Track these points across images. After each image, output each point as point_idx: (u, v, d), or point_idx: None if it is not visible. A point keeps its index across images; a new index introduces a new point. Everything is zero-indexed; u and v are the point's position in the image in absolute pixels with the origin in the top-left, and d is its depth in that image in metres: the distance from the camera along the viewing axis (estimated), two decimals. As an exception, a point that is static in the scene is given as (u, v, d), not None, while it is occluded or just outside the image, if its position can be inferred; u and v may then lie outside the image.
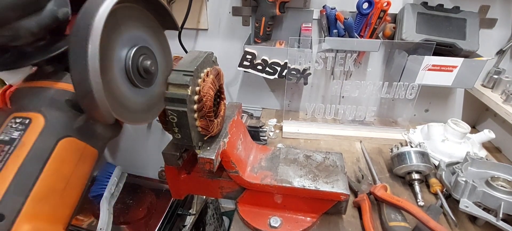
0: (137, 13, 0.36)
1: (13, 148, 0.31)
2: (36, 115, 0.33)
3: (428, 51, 0.76)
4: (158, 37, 0.40)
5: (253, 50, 0.83)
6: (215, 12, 0.94)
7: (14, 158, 0.31)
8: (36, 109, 0.33)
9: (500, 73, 0.86)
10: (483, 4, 0.80)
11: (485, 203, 0.57)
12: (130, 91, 0.35)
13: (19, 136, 0.32)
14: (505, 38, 0.85)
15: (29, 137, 0.32)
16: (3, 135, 0.32)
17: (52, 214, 0.33)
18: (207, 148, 0.48)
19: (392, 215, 0.59)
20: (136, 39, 0.36)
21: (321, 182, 0.57)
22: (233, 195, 0.62)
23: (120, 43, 0.33)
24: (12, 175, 0.30)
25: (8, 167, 0.30)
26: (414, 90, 0.82)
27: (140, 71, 0.36)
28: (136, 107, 0.37)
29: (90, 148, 0.37)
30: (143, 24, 0.37)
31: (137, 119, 0.37)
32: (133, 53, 0.34)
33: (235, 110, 0.60)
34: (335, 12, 0.78)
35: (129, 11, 0.34)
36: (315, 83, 0.96)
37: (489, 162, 0.66)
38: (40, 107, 0.34)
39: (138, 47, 0.35)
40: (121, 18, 0.33)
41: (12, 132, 0.32)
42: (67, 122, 0.35)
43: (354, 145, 0.88)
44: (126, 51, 0.34)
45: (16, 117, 0.33)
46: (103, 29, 0.28)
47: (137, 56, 0.35)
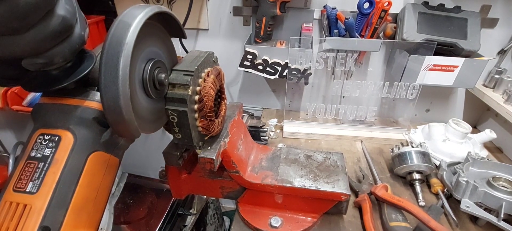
0: (153, 29, 0.38)
1: (48, 164, 0.33)
2: (65, 133, 0.35)
3: (429, 51, 0.76)
4: (167, 46, 0.42)
5: (254, 50, 0.83)
6: (216, 12, 0.94)
7: (51, 175, 0.33)
8: (64, 127, 0.35)
9: (502, 73, 0.86)
10: (484, 4, 0.80)
11: (486, 203, 0.57)
12: (145, 103, 0.37)
13: (52, 153, 0.34)
14: (506, 38, 0.84)
15: (61, 154, 0.34)
16: (34, 152, 0.34)
17: (88, 221, 0.37)
18: (207, 147, 0.48)
19: (393, 215, 0.59)
20: (152, 53, 0.38)
21: (321, 182, 0.57)
22: (233, 195, 0.62)
23: (140, 59, 0.35)
24: (52, 191, 0.33)
25: (47, 183, 0.33)
26: (415, 90, 0.81)
27: (155, 83, 0.38)
28: (150, 118, 0.39)
29: (114, 158, 0.40)
30: (157, 37, 0.39)
31: (151, 128, 0.39)
32: (150, 67, 0.36)
33: (235, 110, 0.60)
34: (336, 12, 0.78)
35: (148, 28, 0.36)
36: (316, 83, 0.96)
37: (490, 162, 0.66)
38: (68, 125, 0.36)
39: (154, 61, 0.37)
40: (142, 37, 0.34)
41: (43, 149, 0.34)
42: (95, 138, 0.37)
43: (355, 145, 0.88)
44: (144, 65, 0.36)
45: (44, 133, 0.35)
46: (132, 53, 0.30)
47: (153, 69, 0.37)
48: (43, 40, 0.31)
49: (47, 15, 0.30)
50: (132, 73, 0.32)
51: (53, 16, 0.31)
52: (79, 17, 0.36)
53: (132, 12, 0.32)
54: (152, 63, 0.37)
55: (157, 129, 0.41)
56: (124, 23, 0.31)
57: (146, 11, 0.33)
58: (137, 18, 0.31)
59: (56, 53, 0.33)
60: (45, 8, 0.29)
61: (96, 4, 0.97)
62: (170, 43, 0.42)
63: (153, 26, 0.38)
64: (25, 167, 0.33)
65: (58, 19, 0.31)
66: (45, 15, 0.30)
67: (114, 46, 0.30)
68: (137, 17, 0.32)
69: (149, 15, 0.33)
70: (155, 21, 0.38)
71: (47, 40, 0.31)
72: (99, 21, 0.95)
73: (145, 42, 0.36)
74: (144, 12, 0.33)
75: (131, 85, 0.32)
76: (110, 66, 0.30)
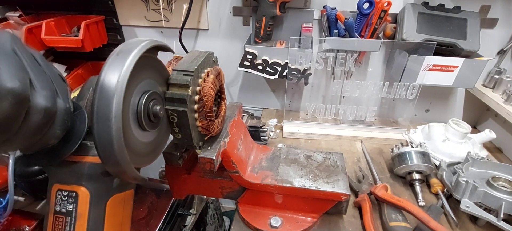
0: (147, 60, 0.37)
1: (74, 219, 0.38)
2: (80, 188, 0.39)
3: (428, 51, 0.76)
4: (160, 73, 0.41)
5: (254, 50, 0.83)
6: (216, 12, 0.94)
7: (80, 228, 0.38)
8: (77, 183, 0.39)
9: (501, 73, 0.86)
10: (484, 4, 0.80)
11: (486, 203, 0.57)
12: (140, 137, 0.37)
13: (74, 208, 0.39)
14: (506, 38, 0.84)
15: (83, 208, 0.39)
16: (58, 207, 0.39)
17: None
18: (207, 148, 0.48)
19: (393, 215, 0.59)
20: (146, 85, 0.37)
21: (321, 182, 0.57)
22: (233, 195, 0.62)
23: (134, 95, 0.35)
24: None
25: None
26: (414, 90, 0.81)
27: (150, 116, 0.37)
28: (145, 151, 0.39)
29: (129, 192, 0.44)
30: (151, 67, 0.38)
31: (148, 161, 0.40)
32: (144, 100, 0.36)
33: (235, 111, 0.60)
34: (336, 12, 0.78)
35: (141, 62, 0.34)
36: (316, 83, 0.96)
37: (490, 162, 0.66)
38: (80, 182, 0.39)
39: (149, 93, 0.37)
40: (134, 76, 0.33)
41: (65, 204, 0.39)
42: (107, 188, 0.41)
43: (355, 145, 0.88)
44: (138, 99, 0.36)
45: (61, 189, 0.39)
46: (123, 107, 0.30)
47: (148, 102, 0.37)
48: (31, 136, 0.31)
49: (27, 114, 0.29)
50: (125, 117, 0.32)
51: (34, 111, 0.30)
52: (58, 88, 0.34)
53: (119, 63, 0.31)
54: (146, 97, 0.36)
55: (154, 160, 0.42)
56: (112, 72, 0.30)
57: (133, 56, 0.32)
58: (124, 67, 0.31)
59: (49, 138, 0.34)
60: (22, 113, 0.28)
61: (95, 4, 0.97)
62: (161, 67, 0.41)
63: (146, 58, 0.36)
64: (55, 221, 0.39)
65: (40, 113, 0.30)
66: (25, 115, 0.29)
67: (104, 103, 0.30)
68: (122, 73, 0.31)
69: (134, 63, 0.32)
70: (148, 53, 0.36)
71: (35, 134, 0.31)
72: (98, 21, 0.95)
73: (139, 76, 0.35)
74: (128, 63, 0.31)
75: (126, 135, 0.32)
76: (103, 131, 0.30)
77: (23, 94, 0.27)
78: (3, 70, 0.26)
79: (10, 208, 0.65)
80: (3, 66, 0.26)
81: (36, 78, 0.30)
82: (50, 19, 0.88)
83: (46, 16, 0.92)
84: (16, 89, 0.26)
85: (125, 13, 0.98)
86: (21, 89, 0.27)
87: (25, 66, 0.29)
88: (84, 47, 0.88)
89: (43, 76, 0.32)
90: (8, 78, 0.26)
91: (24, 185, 0.72)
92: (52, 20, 0.88)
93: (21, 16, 0.90)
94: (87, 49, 0.89)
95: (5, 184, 0.77)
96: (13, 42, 0.29)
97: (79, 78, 1.01)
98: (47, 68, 0.34)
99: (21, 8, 0.91)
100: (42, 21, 0.85)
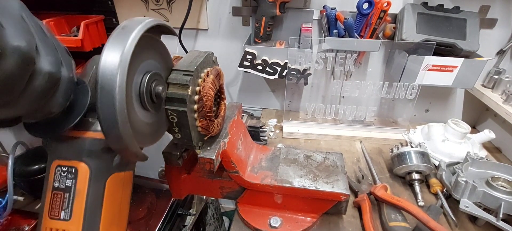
0: (150, 40, 0.37)
1: (73, 195, 0.38)
2: (80, 164, 0.38)
3: (428, 51, 0.76)
4: (163, 56, 0.41)
5: (253, 50, 0.83)
6: (215, 12, 0.94)
7: (78, 204, 0.38)
8: (78, 158, 0.38)
9: (500, 73, 0.86)
10: (483, 4, 0.80)
11: (485, 203, 0.57)
12: (143, 117, 0.37)
13: (73, 184, 0.38)
14: (505, 38, 0.85)
15: (82, 185, 0.38)
16: (57, 183, 0.38)
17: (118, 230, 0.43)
18: (207, 148, 0.48)
19: (392, 215, 0.59)
20: (148, 66, 0.37)
21: (321, 182, 0.57)
22: (233, 195, 0.62)
23: (137, 72, 0.35)
24: (82, 219, 0.38)
25: (76, 211, 0.38)
26: (414, 90, 0.82)
27: (152, 96, 0.37)
28: (148, 131, 0.39)
29: (128, 173, 0.44)
30: (153, 49, 0.38)
31: (150, 141, 0.40)
32: (147, 80, 0.36)
33: (235, 111, 0.60)
34: (335, 12, 0.78)
35: (144, 42, 0.34)
36: (315, 83, 0.96)
37: (489, 162, 0.66)
38: (81, 157, 0.38)
39: (151, 74, 0.36)
40: (139, 51, 0.33)
41: (64, 180, 0.38)
42: (107, 165, 0.40)
43: (354, 145, 0.88)
44: (140, 79, 0.36)
45: (61, 165, 0.39)
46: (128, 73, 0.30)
47: (150, 82, 0.37)
48: (35, 100, 0.31)
49: (31, 77, 0.29)
50: (128, 93, 0.32)
51: (39, 75, 0.30)
52: (63, 59, 0.35)
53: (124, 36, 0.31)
54: (148, 76, 0.36)
55: (157, 140, 0.41)
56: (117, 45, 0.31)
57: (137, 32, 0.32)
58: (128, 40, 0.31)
59: (52, 106, 0.34)
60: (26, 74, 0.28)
61: (95, 4, 0.97)
62: (165, 51, 0.41)
63: (149, 38, 0.37)
64: (53, 197, 0.38)
65: (44, 77, 0.31)
66: (29, 78, 0.29)
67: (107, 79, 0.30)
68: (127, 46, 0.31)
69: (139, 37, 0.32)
70: (151, 33, 0.37)
71: (39, 99, 0.31)
72: (98, 21, 0.95)
73: (142, 55, 0.35)
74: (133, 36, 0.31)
75: (129, 111, 0.32)
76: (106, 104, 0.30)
77: (28, 54, 0.27)
78: (11, 29, 0.26)
79: (10, 207, 0.65)
80: (11, 26, 0.26)
81: (42, 44, 0.31)
82: (50, 18, 0.88)
83: (46, 15, 0.92)
84: (22, 48, 0.26)
85: (124, 13, 0.98)
86: (27, 49, 0.27)
87: (32, 31, 0.30)
88: (84, 47, 0.88)
89: (48, 44, 0.32)
90: (14, 37, 0.26)
91: (23, 184, 0.72)
92: (51, 19, 0.88)
93: (21, 16, 0.90)
94: (87, 49, 0.89)
95: (4, 183, 0.77)
96: (22, 9, 0.30)
97: (78, 78, 1.01)
98: (53, 40, 0.34)
99: (21, 8, 0.91)
100: (42, 21, 0.85)
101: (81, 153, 0.38)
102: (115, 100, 0.29)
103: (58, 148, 0.39)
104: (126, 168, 0.43)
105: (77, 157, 0.38)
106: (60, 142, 0.39)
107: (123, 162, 0.42)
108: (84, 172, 0.38)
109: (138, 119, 0.36)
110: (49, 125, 0.37)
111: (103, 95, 0.30)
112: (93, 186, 0.38)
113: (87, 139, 0.39)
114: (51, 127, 0.37)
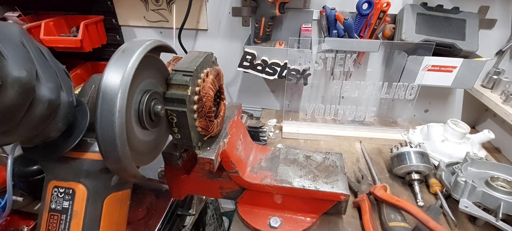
0: (148, 60, 0.36)
1: (69, 216, 0.37)
2: (77, 185, 0.38)
3: (427, 51, 0.76)
4: (161, 73, 0.41)
5: (253, 50, 0.83)
6: (215, 12, 0.94)
7: (75, 226, 0.37)
8: (75, 180, 0.38)
9: (500, 73, 0.86)
10: (482, 5, 0.80)
11: (484, 203, 0.57)
12: (141, 136, 0.37)
13: (70, 206, 0.37)
14: (504, 38, 0.85)
15: (79, 206, 0.38)
16: (54, 204, 0.38)
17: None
18: (207, 148, 0.48)
19: (392, 215, 0.59)
20: (148, 85, 0.37)
21: (321, 182, 0.57)
22: (233, 195, 0.62)
23: (136, 94, 0.35)
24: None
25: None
26: (413, 90, 0.82)
27: (151, 115, 0.37)
28: (146, 150, 0.39)
29: (126, 191, 0.44)
30: (152, 67, 0.38)
31: (148, 160, 0.40)
32: (146, 99, 0.36)
33: (235, 111, 0.60)
34: (335, 13, 0.78)
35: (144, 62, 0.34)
36: (315, 83, 0.96)
37: (488, 162, 0.66)
38: (79, 179, 0.38)
39: (151, 93, 0.37)
40: (139, 72, 0.33)
41: (61, 201, 0.38)
42: (105, 186, 0.40)
43: (354, 145, 0.88)
44: (140, 98, 0.36)
45: (58, 186, 0.38)
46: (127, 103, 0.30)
47: (150, 101, 0.37)
48: (34, 128, 0.31)
49: (31, 105, 0.29)
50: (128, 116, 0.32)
51: (38, 103, 0.30)
52: (63, 82, 0.34)
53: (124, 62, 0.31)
54: (148, 96, 0.36)
55: (153, 159, 0.41)
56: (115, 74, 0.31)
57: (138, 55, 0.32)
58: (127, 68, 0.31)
59: (51, 130, 0.34)
60: (26, 103, 0.28)
61: (94, 4, 0.97)
62: (162, 66, 0.41)
63: (149, 58, 0.36)
64: (49, 219, 0.38)
65: (44, 105, 0.30)
66: (29, 106, 0.29)
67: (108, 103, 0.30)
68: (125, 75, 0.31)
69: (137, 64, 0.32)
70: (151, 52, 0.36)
71: (38, 126, 0.31)
72: (98, 21, 0.95)
73: (141, 76, 0.35)
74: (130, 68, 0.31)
75: (128, 133, 0.32)
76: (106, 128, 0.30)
77: (29, 84, 0.27)
78: (11, 59, 0.26)
79: (9, 208, 0.65)
80: (11, 56, 0.26)
81: (42, 70, 0.31)
82: (49, 19, 0.88)
83: (45, 16, 0.92)
84: (22, 79, 0.26)
85: (124, 14, 0.98)
86: (28, 79, 0.27)
87: (32, 58, 0.30)
88: (83, 47, 0.88)
89: (48, 69, 0.32)
90: (15, 68, 0.26)
91: (22, 185, 0.72)
92: (51, 20, 0.88)
93: (20, 16, 0.90)
94: (86, 49, 0.89)
95: (3, 184, 0.76)
96: (22, 35, 0.30)
97: (78, 78, 1.01)
98: (53, 63, 0.34)
99: (20, 8, 0.91)
100: (41, 21, 0.85)
101: (79, 174, 0.38)
102: (115, 125, 0.30)
103: (55, 168, 0.39)
104: (124, 187, 0.43)
105: (74, 178, 0.38)
106: (57, 162, 0.39)
107: (121, 182, 0.42)
108: (81, 193, 0.38)
109: (137, 138, 0.36)
110: (46, 148, 0.37)
111: (103, 119, 0.30)
112: (91, 207, 0.38)
113: (85, 160, 0.39)
114: (49, 150, 0.37)
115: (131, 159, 0.33)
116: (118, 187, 0.42)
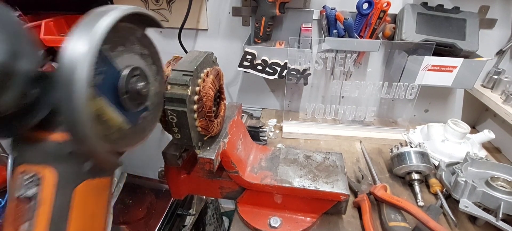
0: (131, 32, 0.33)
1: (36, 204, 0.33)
2: (46, 169, 0.33)
3: (428, 51, 0.76)
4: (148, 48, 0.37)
5: (253, 50, 0.83)
6: (215, 12, 0.94)
7: (42, 216, 0.33)
8: (43, 163, 0.34)
9: (500, 73, 0.86)
10: (483, 5, 0.80)
11: (485, 203, 0.57)
12: (119, 116, 0.33)
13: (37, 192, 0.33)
14: (504, 38, 0.85)
15: (47, 193, 0.33)
16: (21, 191, 0.33)
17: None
18: (207, 148, 0.48)
19: (392, 215, 0.59)
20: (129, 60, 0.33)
21: (321, 182, 0.57)
22: (233, 195, 0.62)
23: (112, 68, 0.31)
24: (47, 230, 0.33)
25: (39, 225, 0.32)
26: (414, 90, 0.82)
27: (130, 92, 0.33)
28: (128, 132, 0.35)
29: (103, 180, 0.38)
30: (138, 43, 0.35)
31: (131, 143, 0.36)
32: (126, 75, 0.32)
33: (235, 111, 0.60)
34: (335, 13, 0.78)
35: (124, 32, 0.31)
36: (315, 83, 0.96)
37: (488, 162, 0.66)
38: (47, 162, 0.33)
39: (131, 69, 0.33)
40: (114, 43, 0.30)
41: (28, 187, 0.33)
42: (77, 171, 0.35)
43: (354, 145, 0.88)
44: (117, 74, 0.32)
45: (25, 170, 0.34)
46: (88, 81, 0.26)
47: (129, 77, 0.33)
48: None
49: None
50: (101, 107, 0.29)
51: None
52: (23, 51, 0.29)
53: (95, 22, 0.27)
54: (129, 71, 0.32)
55: (140, 142, 0.37)
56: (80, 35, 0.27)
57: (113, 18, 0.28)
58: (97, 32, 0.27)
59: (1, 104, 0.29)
60: None
61: (95, 4, 0.96)
62: (152, 49, 0.38)
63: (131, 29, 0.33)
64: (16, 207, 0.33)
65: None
66: None
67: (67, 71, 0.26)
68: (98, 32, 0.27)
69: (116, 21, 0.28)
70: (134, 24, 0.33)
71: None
72: (98, 21, 0.95)
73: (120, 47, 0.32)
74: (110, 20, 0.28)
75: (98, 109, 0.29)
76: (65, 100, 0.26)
77: None
78: None
79: (9, 208, 0.65)
80: None
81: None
82: (49, 19, 0.88)
83: (45, 16, 0.92)
84: None
85: (124, 13, 0.97)
86: None
87: None
88: (84, 47, 0.87)
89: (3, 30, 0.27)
90: None
91: (23, 185, 0.71)
92: (51, 20, 0.88)
93: (20, 16, 0.90)
94: (86, 49, 0.89)
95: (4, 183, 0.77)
96: None
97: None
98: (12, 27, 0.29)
99: (20, 8, 0.91)
100: (41, 21, 0.85)
101: (48, 156, 0.34)
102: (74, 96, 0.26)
103: (24, 148, 0.34)
104: (102, 174, 0.38)
105: (43, 161, 0.33)
106: (26, 142, 0.34)
107: (97, 168, 0.37)
108: (50, 178, 0.33)
109: (113, 118, 0.32)
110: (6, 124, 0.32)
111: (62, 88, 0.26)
112: (60, 193, 0.34)
113: (53, 142, 0.34)
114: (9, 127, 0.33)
115: (99, 138, 0.29)
116: (94, 173, 0.36)
